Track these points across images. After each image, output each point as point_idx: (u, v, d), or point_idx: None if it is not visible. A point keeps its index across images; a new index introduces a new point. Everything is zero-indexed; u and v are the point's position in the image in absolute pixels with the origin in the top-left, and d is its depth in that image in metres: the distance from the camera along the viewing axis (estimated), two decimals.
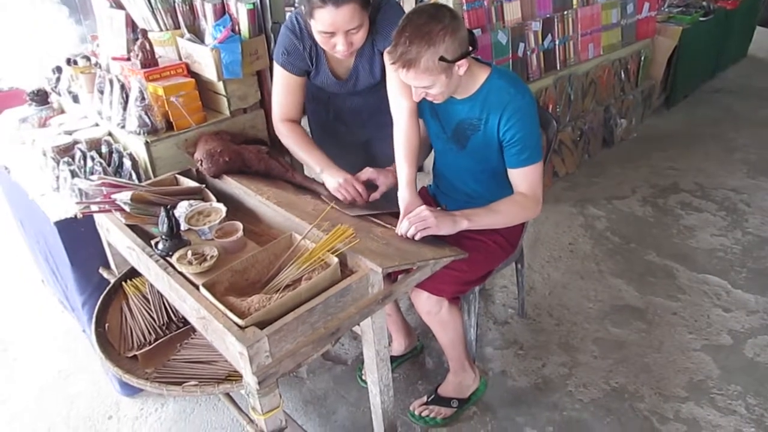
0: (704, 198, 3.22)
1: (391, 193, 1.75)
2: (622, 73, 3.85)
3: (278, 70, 1.79)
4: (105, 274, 1.84)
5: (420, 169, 3.57)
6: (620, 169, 3.60)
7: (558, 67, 3.32)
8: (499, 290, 2.55)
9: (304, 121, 2.25)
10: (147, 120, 1.86)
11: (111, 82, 1.95)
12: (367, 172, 1.77)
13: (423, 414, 1.94)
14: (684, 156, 3.72)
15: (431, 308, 1.69)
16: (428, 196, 2.01)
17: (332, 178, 1.73)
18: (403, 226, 1.52)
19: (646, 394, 2.01)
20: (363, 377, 2.10)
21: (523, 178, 1.63)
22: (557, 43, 3.30)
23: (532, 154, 1.60)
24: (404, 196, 1.63)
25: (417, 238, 1.50)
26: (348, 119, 1.98)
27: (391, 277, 1.62)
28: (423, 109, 1.77)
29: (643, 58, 3.98)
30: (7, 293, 2.79)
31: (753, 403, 1.95)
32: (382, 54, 1.75)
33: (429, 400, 1.96)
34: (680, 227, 2.96)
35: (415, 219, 1.51)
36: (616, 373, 2.10)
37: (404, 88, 1.64)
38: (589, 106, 3.63)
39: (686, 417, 1.91)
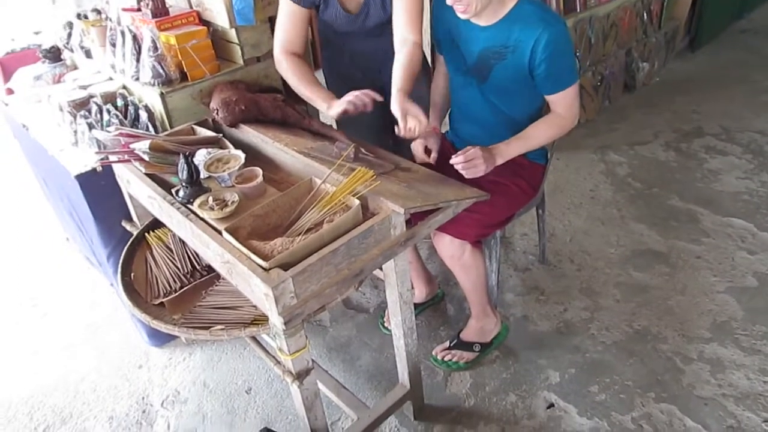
0: (729, 141, 3.14)
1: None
2: (645, 14, 3.71)
3: (285, 1, 1.74)
4: (128, 227, 1.86)
5: None
6: (642, 115, 3.51)
7: (578, 9, 3.19)
8: (520, 238, 2.54)
9: (320, 75, 2.21)
10: (161, 70, 1.84)
11: (123, 33, 1.93)
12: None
13: (446, 358, 1.96)
14: (708, 99, 3.61)
15: (454, 252, 1.69)
16: (446, 143, 1.98)
17: (339, 106, 1.62)
18: (457, 164, 1.58)
19: (669, 335, 2.00)
20: (385, 324, 2.12)
21: (561, 100, 1.64)
22: None
23: (569, 79, 1.60)
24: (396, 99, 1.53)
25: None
26: (363, 64, 1.94)
27: (411, 223, 1.61)
28: (441, 41, 1.73)
29: None
30: (33, 252, 2.85)
31: None
32: None
33: (451, 344, 1.98)
34: (704, 171, 2.90)
35: (470, 164, 1.57)
36: (639, 316, 2.09)
37: (412, 21, 1.64)
38: (610, 50, 3.51)
39: (710, 357, 1.91)
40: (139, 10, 2.00)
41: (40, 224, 2.99)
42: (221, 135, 1.71)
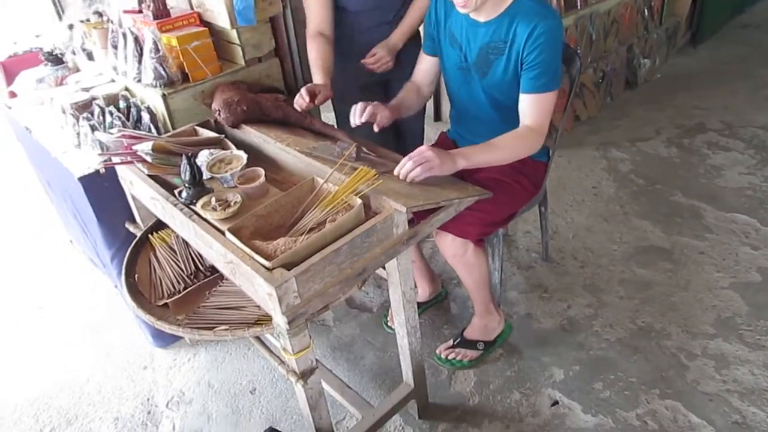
0: (732, 137, 3.13)
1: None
2: (646, 10, 3.70)
3: None
4: (131, 229, 1.87)
5: (438, 117, 3.54)
6: (644, 111, 3.51)
7: (579, 6, 3.19)
8: (523, 236, 2.54)
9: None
10: (162, 72, 1.84)
11: (124, 35, 1.93)
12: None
13: (449, 357, 1.96)
14: (710, 95, 3.60)
15: (457, 251, 1.69)
16: (448, 141, 1.98)
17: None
18: (406, 167, 1.42)
19: (673, 332, 2.00)
20: (389, 323, 2.12)
21: (534, 105, 1.56)
22: None
23: (550, 81, 1.54)
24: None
25: (419, 179, 1.42)
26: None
27: (414, 223, 1.62)
28: (440, 40, 1.73)
29: None
30: (36, 254, 2.86)
31: None
32: None
33: (455, 343, 1.98)
34: (707, 167, 2.89)
35: (419, 159, 1.42)
36: (643, 312, 2.09)
37: None
38: (611, 47, 3.51)
39: (714, 353, 1.91)
40: (140, 11, 2.00)
41: (44, 226, 3.00)
42: (223, 136, 1.72)
